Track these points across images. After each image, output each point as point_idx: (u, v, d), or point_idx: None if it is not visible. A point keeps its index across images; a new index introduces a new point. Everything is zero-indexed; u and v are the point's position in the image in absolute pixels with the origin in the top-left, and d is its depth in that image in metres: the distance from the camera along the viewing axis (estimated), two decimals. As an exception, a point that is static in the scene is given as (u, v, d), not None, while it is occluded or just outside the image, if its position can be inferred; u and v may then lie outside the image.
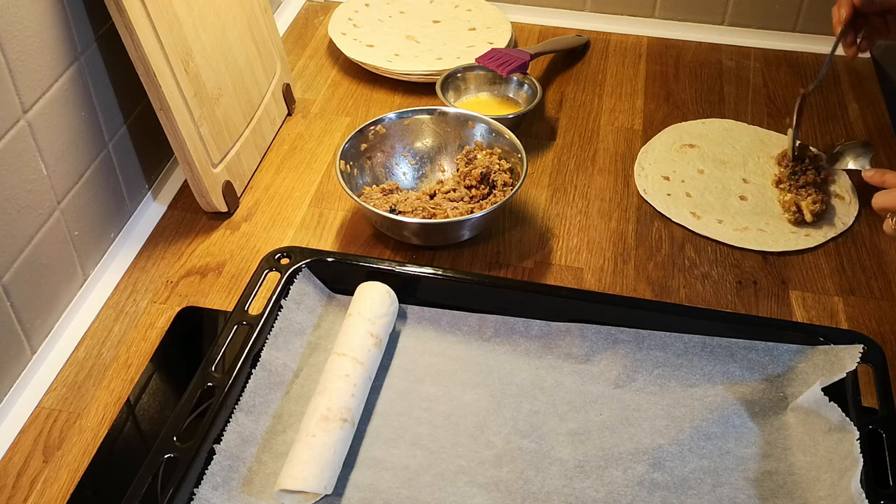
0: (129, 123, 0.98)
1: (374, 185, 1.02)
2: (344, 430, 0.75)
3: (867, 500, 0.68)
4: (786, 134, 1.14)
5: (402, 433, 0.78)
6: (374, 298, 0.84)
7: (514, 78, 1.16)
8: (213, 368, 0.78)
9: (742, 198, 1.05)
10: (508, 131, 1.02)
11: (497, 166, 1.00)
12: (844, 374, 0.77)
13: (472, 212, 0.96)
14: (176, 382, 0.85)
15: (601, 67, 1.28)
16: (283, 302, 0.85)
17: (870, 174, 0.90)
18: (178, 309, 0.91)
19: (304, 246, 0.94)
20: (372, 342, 0.81)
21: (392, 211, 0.97)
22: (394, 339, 0.86)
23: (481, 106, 1.15)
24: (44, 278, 0.85)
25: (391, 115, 1.05)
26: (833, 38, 1.02)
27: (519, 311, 0.86)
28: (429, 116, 1.06)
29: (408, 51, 1.25)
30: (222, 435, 0.74)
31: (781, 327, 0.85)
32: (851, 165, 1.03)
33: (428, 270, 0.88)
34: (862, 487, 0.69)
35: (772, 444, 0.77)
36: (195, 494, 0.71)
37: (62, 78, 0.85)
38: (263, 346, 0.81)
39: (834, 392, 0.77)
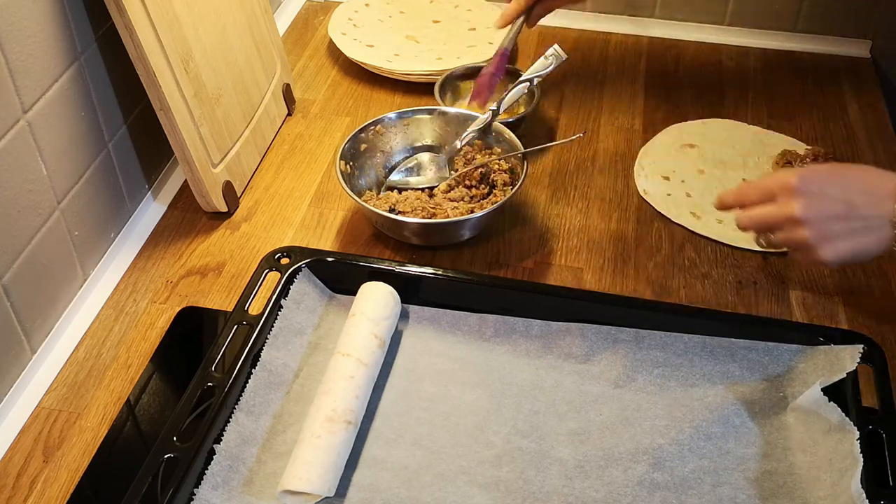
0: (129, 123, 0.98)
1: (373, 185, 1.03)
2: (348, 431, 0.75)
3: (867, 500, 0.68)
4: (784, 133, 1.15)
5: (403, 433, 0.78)
6: (377, 300, 0.84)
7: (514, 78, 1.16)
8: (213, 368, 0.78)
9: (742, 198, 1.05)
10: (508, 131, 1.02)
11: (496, 166, 1.00)
12: (844, 375, 0.77)
13: (472, 212, 0.96)
14: (176, 382, 0.85)
15: (601, 67, 1.28)
16: (283, 302, 0.85)
17: (729, 199, 0.83)
18: (178, 309, 0.91)
19: (304, 246, 0.94)
20: (376, 343, 0.81)
21: (392, 211, 0.97)
22: (394, 338, 0.86)
23: (481, 106, 1.15)
24: (44, 278, 0.85)
25: (391, 114, 1.05)
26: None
27: (519, 311, 0.86)
28: (429, 116, 1.06)
29: (408, 51, 1.25)
30: (222, 435, 0.74)
31: (781, 327, 0.85)
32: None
33: (428, 270, 0.88)
34: (862, 487, 0.69)
35: (772, 444, 0.77)
36: (195, 494, 0.71)
37: (62, 78, 0.85)
38: (263, 346, 0.81)
39: (834, 392, 0.77)
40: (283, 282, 0.86)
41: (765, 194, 0.80)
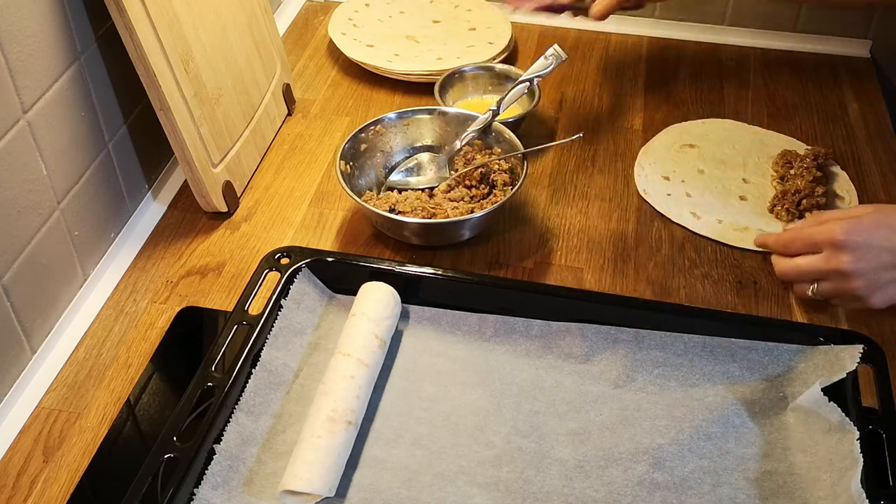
0: (129, 123, 0.98)
1: (373, 185, 1.03)
2: (348, 432, 0.75)
3: (867, 500, 0.68)
4: (785, 134, 1.15)
5: (403, 433, 0.78)
6: (378, 300, 0.84)
7: (514, 78, 1.16)
8: (213, 368, 0.78)
9: (742, 198, 1.05)
10: (508, 131, 1.02)
11: (496, 166, 1.00)
12: (844, 375, 0.77)
13: (472, 212, 0.96)
14: (176, 382, 0.85)
15: (601, 67, 1.28)
16: (283, 302, 0.85)
17: (772, 239, 0.87)
18: (178, 309, 0.91)
19: (304, 246, 0.94)
20: (376, 344, 0.81)
21: (392, 211, 0.97)
22: (395, 338, 0.86)
23: (482, 106, 1.15)
24: (44, 278, 0.85)
25: (391, 114, 1.05)
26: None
27: (519, 311, 0.86)
28: (429, 116, 1.06)
29: (408, 51, 1.25)
30: (222, 435, 0.74)
31: (781, 327, 0.85)
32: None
33: (428, 270, 0.88)
34: (862, 487, 0.69)
35: (772, 444, 0.77)
36: (195, 494, 0.71)
37: (62, 78, 0.85)
38: (263, 345, 0.81)
39: (834, 392, 0.77)
40: (283, 282, 0.86)
41: (809, 246, 0.82)
